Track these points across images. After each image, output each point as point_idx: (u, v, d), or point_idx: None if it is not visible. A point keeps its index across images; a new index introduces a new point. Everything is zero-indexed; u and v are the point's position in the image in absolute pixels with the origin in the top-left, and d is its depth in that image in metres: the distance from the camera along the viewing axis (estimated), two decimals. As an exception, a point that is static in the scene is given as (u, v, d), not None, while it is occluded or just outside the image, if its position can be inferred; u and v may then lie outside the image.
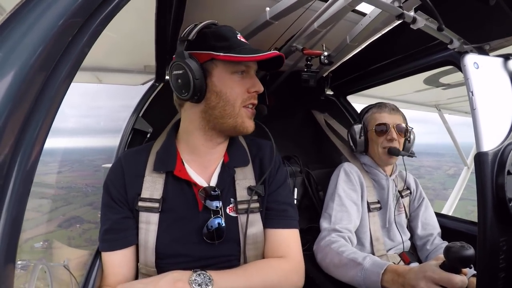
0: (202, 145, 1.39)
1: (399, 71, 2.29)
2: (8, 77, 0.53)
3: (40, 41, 0.56)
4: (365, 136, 2.14)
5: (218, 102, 1.29)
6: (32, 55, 0.55)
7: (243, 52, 1.25)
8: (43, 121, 0.59)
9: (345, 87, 2.94)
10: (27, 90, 0.55)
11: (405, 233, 2.16)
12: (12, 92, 0.53)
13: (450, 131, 4.91)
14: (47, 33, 0.57)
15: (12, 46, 0.54)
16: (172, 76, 1.27)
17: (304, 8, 1.60)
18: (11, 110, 0.53)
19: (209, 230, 1.30)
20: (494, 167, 1.19)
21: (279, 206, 1.45)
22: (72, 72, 0.63)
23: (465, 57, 1.27)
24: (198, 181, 1.36)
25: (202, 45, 1.26)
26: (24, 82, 0.54)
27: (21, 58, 0.54)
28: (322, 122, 2.82)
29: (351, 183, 2.04)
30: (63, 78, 0.61)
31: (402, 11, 1.28)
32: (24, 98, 0.55)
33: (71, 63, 0.62)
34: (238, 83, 1.31)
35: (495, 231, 1.17)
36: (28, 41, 0.55)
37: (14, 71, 0.53)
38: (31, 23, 0.56)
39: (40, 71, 0.57)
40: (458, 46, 1.54)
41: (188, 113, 1.37)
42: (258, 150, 1.51)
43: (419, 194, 2.28)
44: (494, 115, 1.27)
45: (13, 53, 0.54)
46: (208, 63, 1.27)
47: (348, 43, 1.88)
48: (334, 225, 1.85)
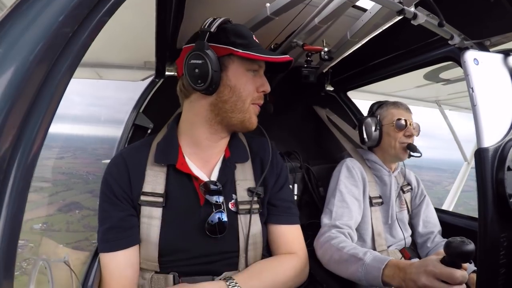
0: (205, 138, 1.39)
1: (400, 66, 2.28)
2: (9, 72, 0.53)
3: (41, 36, 0.56)
4: (380, 130, 2.14)
5: (231, 96, 1.31)
6: (33, 50, 0.55)
7: (259, 52, 1.28)
8: (43, 116, 0.59)
9: (346, 83, 2.93)
10: (28, 85, 0.55)
11: (407, 229, 2.16)
12: (12, 87, 0.53)
13: (450, 127, 4.92)
14: (48, 27, 0.57)
15: (12, 41, 0.54)
16: (189, 64, 1.26)
17: (304, 3, 1.60)
18: (11, 105, 0.53)
19: (210, 224, 1.30)
20: (494, 163, 1.20)
21: (284, 203, 1.49)
22: (72, 66, 0.63)
23: (465, 53, 1.27)
24: (199, 175, 1.36)
25: (222, 39, 1.28)
26: (24, 77, 0.54)
27: (21, 53, 0.54)
28: (324, 117, 2.82)
29: (353, 178, 2.04)
30: (63, 73, 0.61)
31: (402, 6, 1.28)
32: (25, 93, 0.55)
33: (72, 58, 0.62)
34: (251, 81, 1.34)
35: (495, 227, 1.17)
36: (29, 36, 0.55)
37: (14, 66, 0.53)
38: (32, 17, 0.56)
39: (41, 65, 0.57)
40: (458, 42, 1.54)
41: (195, 105, 1.37)
42: (259, 149, 1.52)
43: (421, 191, 2.29)
44: (494, 111, 1.27)
45: (14, 48, 0.54)
46: (225, 58, 1.28)
47: (349, 38, 1.88)
48: (335, 221, 1.85)
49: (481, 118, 1.21)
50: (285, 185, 1.54)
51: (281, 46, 1.99)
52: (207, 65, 1.22)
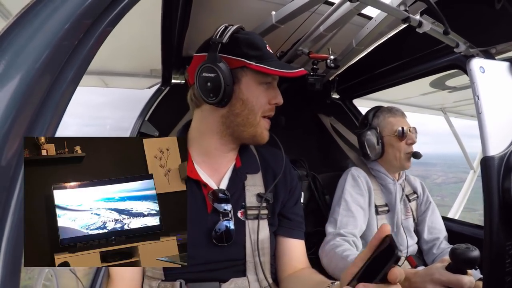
0: (215, 149, 1.39)
1: (405, 74, 2.28)
2: (15, 81, 0.53)
3: (47, 44, 0.56)
4: (382, 142, 2.12)
5: (243, 110, 1.29)
6: (39, 59, 0.55)
7: (274, 65, 1.26)
8: (48, 125, 0.59)
9: (351, 91, 2.93)
10: (33, 93, 0.56)
11: (413, 237, 2.15)
12: (18, 96, 0.53)
13: (456, 134, 4.89)
14: (53, 36, 0.57)
15: (18, 49, 0.55)
16: (201, 77, 1.24)
17: (309, 12, 1.61)
18: (17, 113, 0.53)
19: (217, 233, 1.29)
20: (500, 171, 1.19)
21: (297, 217, 1.52)
22: (78, 75, 0.63)
23: (471, 61, 1.26)
24: (208, 182, 1.36)
25: (235, 50, 1.26)
26: (30, 85, 0.54)
27: (27, 61, 0.55)
28: (328, 125, 2.82)
29: (359, 187, 2.03)
30: (69, 81, 0.62)
31: (408, 14, 1.28)
32: (30, 101, 0.56)
33: (77, 66, 0.63)
34: (263, 94, 1.32)
35: (501, 235, 1.16)
36: (34, 44, 0.56)
37: (20, 74, 0.54)
38: (38, 26, 0.57)
39: (46, 74, 0.57)
40: (464, 50, 1.53)
41: (206, 116, 1.36)
42: (271, 160, 1.53)
43: (426, 198, 2.27)
44: (500, 119, 1.26)
45: (19, 56, 0.54)
46: (238, 70, 1.26)
47: (354, 46, 1.88)
48: (339, 229, 1.84)
49: (487, 126, 1.20)
50: (299, 200, 1.56)
51: (286, 54, 1.99)
52: (219, 79, 1.20)
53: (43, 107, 0.58)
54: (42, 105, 0.58)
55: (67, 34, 0.59)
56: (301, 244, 1.51)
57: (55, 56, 0.58)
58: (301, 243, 1.52)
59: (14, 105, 0.53)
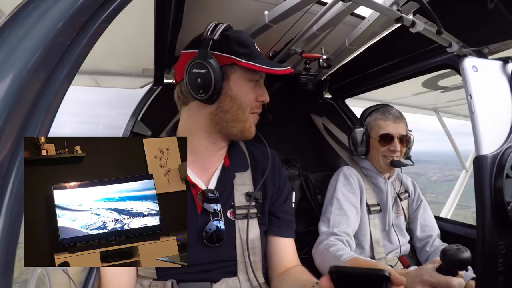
0: (205, 147, 1.38)
1: (398, 74, 2.29)
2: (7, 80, 0.53)
3: (40, 43, 0.56)
4: (367, 141, 2.13)
5: (232, 106, 1.30)
6: (31, 58, 0.55)
7: (262, 62, 1.27)
8: (41, 124, 0.59)
9: (344, 91, 2.94)
10: (26, 93, 0.55)
11: (404, 235, 2.15)
12: (10, 95, 0.53)
13: (449, 135, 4.92)
14: (46, 35, 0.57)
15: (10, 48, 0.54)
16: (191, 73, 1.24)
17: (302, 11, 1.61)
18: (9, 112, 0.53)
19: (208, 233, 1.30)
20: (493, 171, 1.19)
21: (287, 216, 1.53)
22: (71, 74, 0.63)
23: (464, 61, 1.27)
24: (197, 182, 1.36)
25: (225, 48, 1.27)
26: (22, 84, 0.54)
27: (19, 60, 0.54)
28: (320, 126, 2.81)
29: (351, 186, 2.03)
30: (62, 80, 0.61)
31: (400, 14, 1.28)
32: (23, 101, 0.55)
33: (70, 65, 0.62)
34: (251, 91, 1.33)
35: (494, 234, 1.16)
36: (27, 43, 0.55)
37: (13, 73, 0.53)
38: (30, 25, 0.56)
39: (39, 73, 0.57)
40: (457, 50, 1.54)
41: (194, 113, 1.36)
42: (260, 157, 1.53)
43: (417, 196, 2.28)
44: (493, 118, 1.27)
45: (12, 55, 0.54)
46: (227, 67, 1.27)
47: (347, 46, 1.88)
48: (333, 228, 1.84)
49: (480, 125, 1.20)
50: (289, 198, 1.57)
51: (279, 54, 1.99)
52: (210, 75, 1.20)
53: (36, 106, 0.58)
54: (35, 104, 0.58)
55: (61, 32, 0.58)
56: (291, 242, 1.52)
57: (49, 55, 0.58)
58: (291, 242, 1.53)
59: (7, 104, 0.52)
